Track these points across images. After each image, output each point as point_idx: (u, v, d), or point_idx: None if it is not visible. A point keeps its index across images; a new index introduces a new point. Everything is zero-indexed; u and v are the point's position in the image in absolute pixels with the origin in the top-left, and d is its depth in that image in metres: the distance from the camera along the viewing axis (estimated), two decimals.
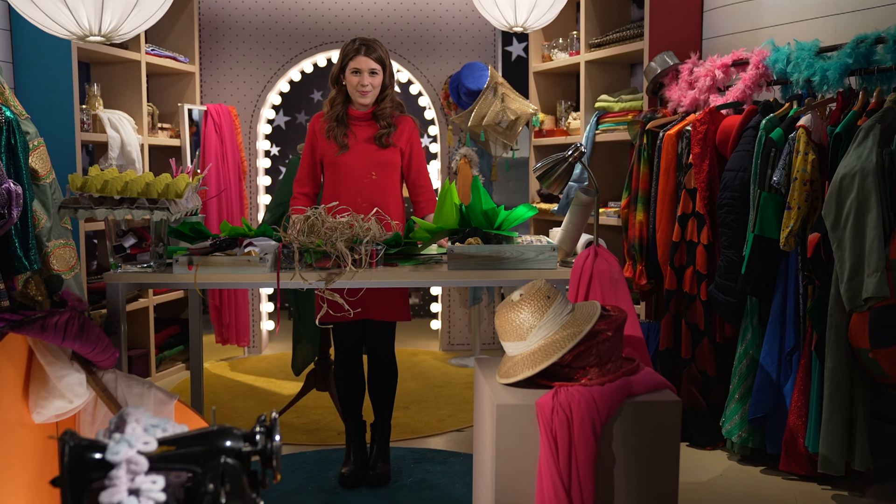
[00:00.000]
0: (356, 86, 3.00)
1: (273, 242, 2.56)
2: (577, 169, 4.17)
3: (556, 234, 2.75)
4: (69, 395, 2.11)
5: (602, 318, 2.06)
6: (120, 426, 1.56)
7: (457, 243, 2.60)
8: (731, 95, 3.60)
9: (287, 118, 6.84)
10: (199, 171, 5.01)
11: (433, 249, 2.92)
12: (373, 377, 3.24)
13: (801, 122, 3.11)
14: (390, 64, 3.09)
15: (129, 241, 2.39)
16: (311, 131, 3.15)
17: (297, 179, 3.16)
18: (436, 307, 5.69)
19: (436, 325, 5.70)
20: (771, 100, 3.46)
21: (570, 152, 2.56)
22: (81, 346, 2.11)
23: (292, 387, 4.49)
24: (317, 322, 2.47)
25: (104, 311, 2.21)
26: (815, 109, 3.15)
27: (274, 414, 1.48)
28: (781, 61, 3.40)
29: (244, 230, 2.66)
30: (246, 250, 2.47)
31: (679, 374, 3.67)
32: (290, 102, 6.46)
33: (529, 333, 2.03)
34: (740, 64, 3.65)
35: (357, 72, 3.00)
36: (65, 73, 4.05)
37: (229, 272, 2.42)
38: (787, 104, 3.36)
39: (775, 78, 3.48)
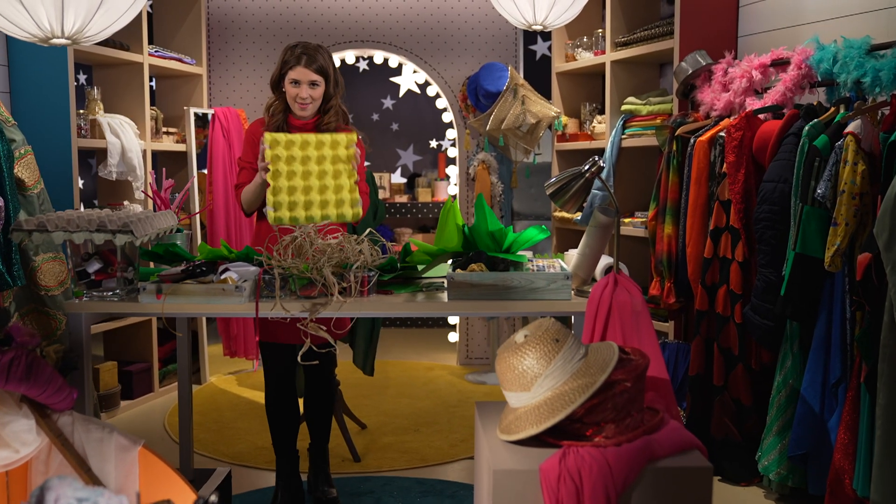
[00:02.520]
0: (294, 98, 2.82)
1: (253, 268, 2.31)
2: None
3: (572, 257, 2.46)
4: (15, 444, 1.88)
5: (620, 364, 1.78)
6: (40, 502, 1.34)
7: (458, 270, 2.32)
8: (770, 98, 3.35)
9: None
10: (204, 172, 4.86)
11: (441, 270, 2.64)
12: (310, 399, 3.04)
13: (850, 128, 2.85)
14: (335, 72, 2.88)
15: (94, 267, 2.15)
16: (250, 140, 2.90)
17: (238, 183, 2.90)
18: (454, 318, 5.42)
19: (453, 337, 5.43)
20: (815, 103, 3.19)
21: (587, 167, 2.27)
22: (29, 388, 1.88)
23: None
24: (298, 358, 2.22)
25: (59, 345, 1.97)
26: (865, 114, 2.89)
27: (213, 498, 1.24)
28: (827, 61, 3.13)
29: (223, 253, 2.41)
30: (222, 277, 2.22)
31: (711, 402, 3.40)
32: None
33: (534, 383, 1.75)
34: (780, 64, 3.38)
35: (296, 83, 2.80)
36: (61, 75, 3.87)
37: (202, 302, 2.17)
38: (832, 108, 3.09)
39: (819, 79, 3.21)
